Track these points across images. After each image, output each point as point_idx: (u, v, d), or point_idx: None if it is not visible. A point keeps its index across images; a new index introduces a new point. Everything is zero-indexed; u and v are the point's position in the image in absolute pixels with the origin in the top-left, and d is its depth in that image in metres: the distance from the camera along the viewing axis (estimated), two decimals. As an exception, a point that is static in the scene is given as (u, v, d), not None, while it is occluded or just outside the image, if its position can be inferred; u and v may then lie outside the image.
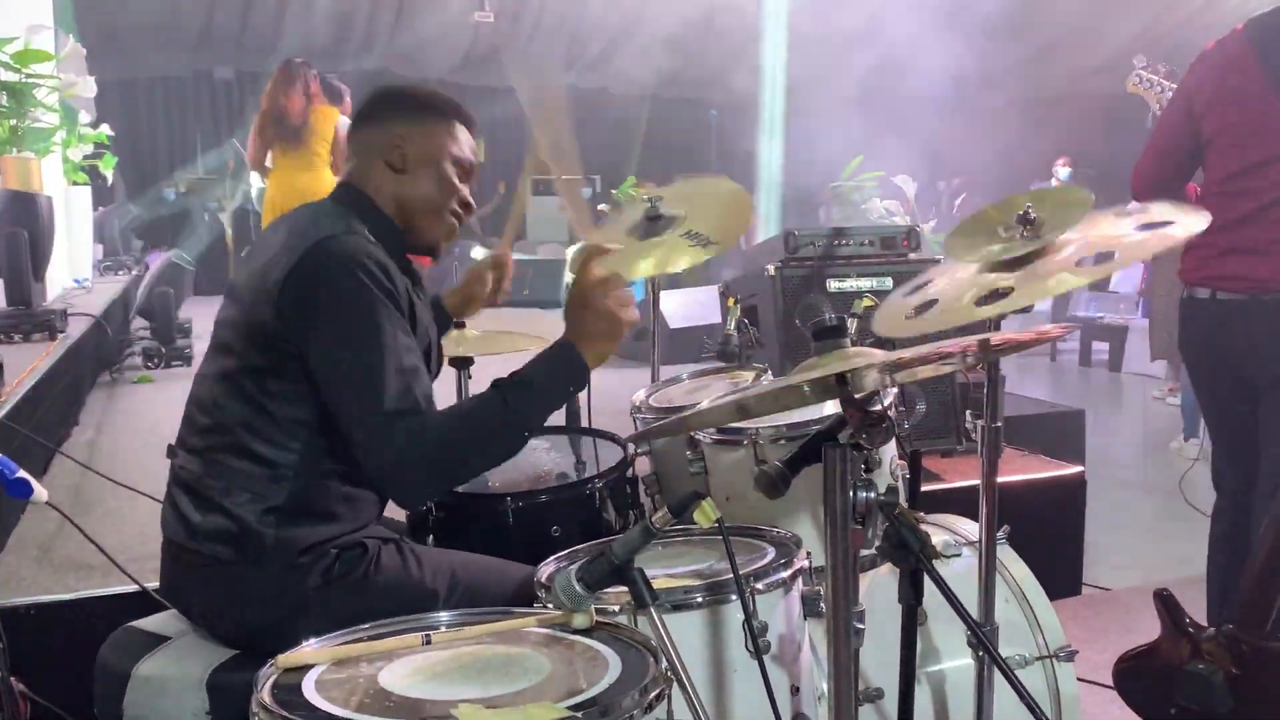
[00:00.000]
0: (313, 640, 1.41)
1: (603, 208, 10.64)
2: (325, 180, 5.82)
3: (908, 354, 1.38)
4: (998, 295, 1.54)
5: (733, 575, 1.45)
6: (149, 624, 1.83)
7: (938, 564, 1.34)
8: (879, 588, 1.96)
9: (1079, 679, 2.06)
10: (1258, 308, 2.52)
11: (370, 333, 1.67)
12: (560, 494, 2.16)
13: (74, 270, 7.10)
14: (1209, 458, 2.85)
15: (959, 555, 2.05)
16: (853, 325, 1.85)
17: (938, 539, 2.05)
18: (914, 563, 1.33)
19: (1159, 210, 1.65)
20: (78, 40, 6.22)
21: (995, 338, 1.54)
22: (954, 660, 1.96)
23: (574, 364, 1.76)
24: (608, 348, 1.79)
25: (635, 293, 2.04)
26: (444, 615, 1.51)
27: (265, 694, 1.25)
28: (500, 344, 2.65)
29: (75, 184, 7.05)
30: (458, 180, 1.94)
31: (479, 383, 2.59)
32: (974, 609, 1.82)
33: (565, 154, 2.47)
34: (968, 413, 1.86)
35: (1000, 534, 1.93)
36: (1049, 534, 3.48)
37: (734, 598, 1.51)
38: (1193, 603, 2.27)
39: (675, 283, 9.16)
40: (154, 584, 2.08)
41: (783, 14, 11.58)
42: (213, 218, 11.55)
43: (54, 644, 2.36)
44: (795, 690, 1.61)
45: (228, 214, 11.20)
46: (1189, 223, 1.57)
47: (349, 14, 12.29)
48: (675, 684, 1.28)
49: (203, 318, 6.03)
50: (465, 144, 1.96)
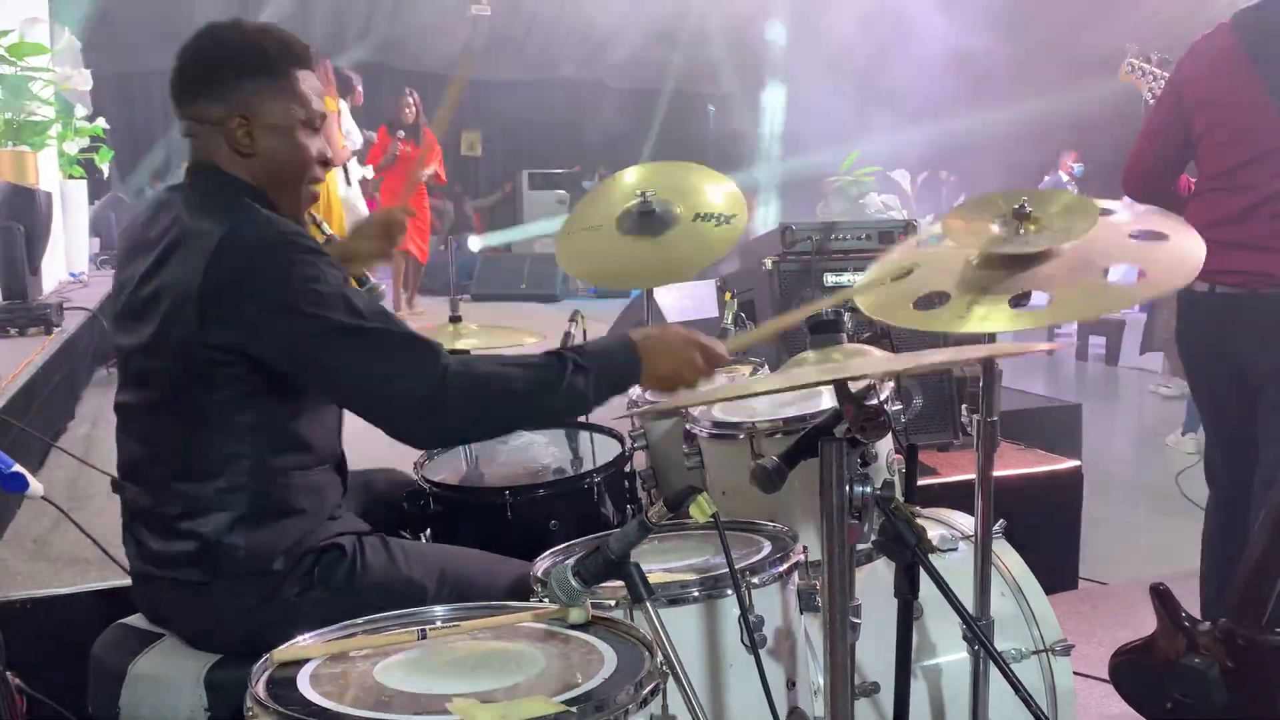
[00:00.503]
0: (308, 635, 1.41)
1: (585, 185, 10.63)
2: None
3: (911, 364, 1.36)
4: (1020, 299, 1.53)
5: (729, 569, 1.45)
6: (140, 620, 1.82)
7: (934, 558, 1.34)
8: (875, 582, 1.96)
9: (1075, 673, 2.06)
10: (1257, 302, 2.52)
11: (335, 301, 1.55)
12: (558, 488, 2.16)
13: (70, 264, 7.08)
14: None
15: (955, 549, 2.05)
16: (849, 320, 1.85)
17: (933, 533, 2.04)
18: (910, 557, 1.34)
19: (1153, 219, 1.64)
20: (73, 33, 6.20)
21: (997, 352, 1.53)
22: (950, 654, 1.96)
23: (634, 368, 1.66)
24: (662, 384, 1.70)
25: (632, 290, 2.03)
26: (439, 610, 1.51)
27: (260, 689, 1.25)
28: (497, 338, 2.65)
29: (71, 177, 7.02)
30: (313, 140, 1.73)
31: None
32: (970, 603, 1.82)
33: None
34: (964, 407, 1.85)
35: (996, 528, 1.93)
36: (1045, 528, 3.48)
37: (730, 592, 1.51)
38: (1188, 597, 2.28)
39: (672, 277, 9.14)
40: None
41: (782, 8, 11.57)
42: None
43: (49, 638, 2.36)
44: (791, 684, 1.62)
45: None
46: (1182, 241, 1.57)
47: (346, 7, 12.28)
48: (671, 678, 1.28)
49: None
50: (311, 93, 1.73)
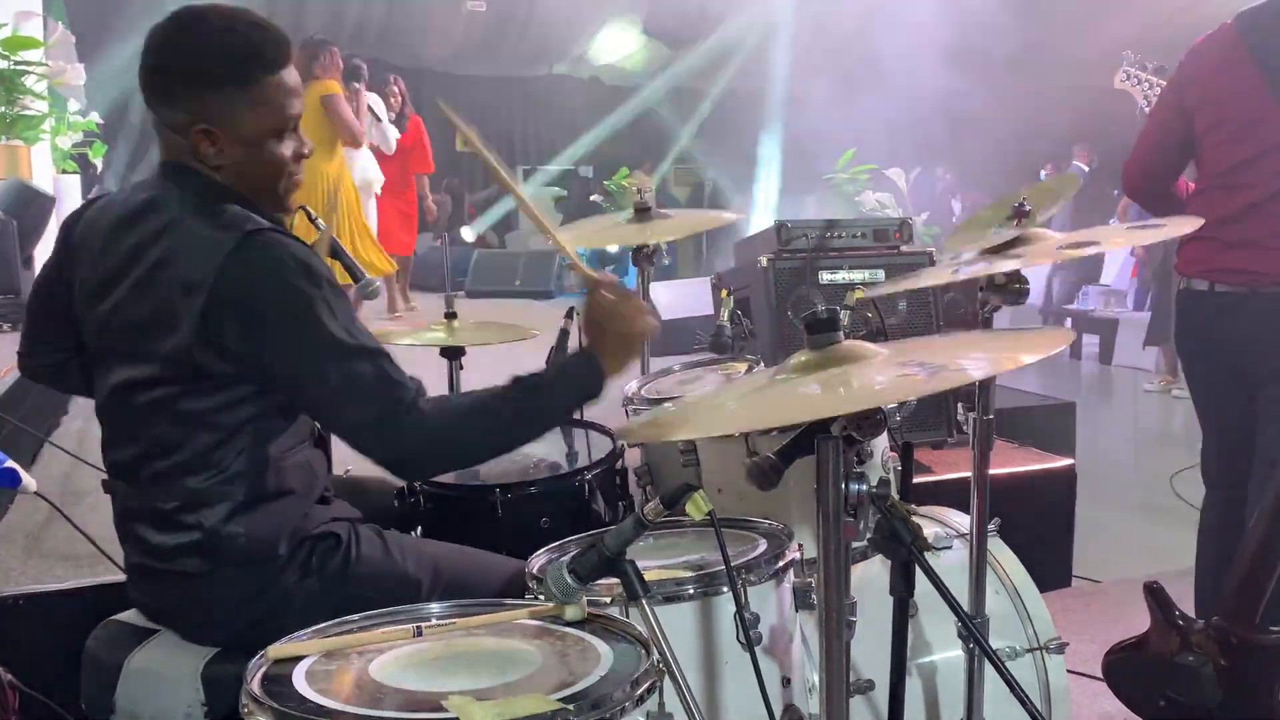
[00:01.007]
0: (304, 632, 1.40)
1: (594, 198, 10.61)
2: (323, 164, 5.58)
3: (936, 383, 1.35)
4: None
5: (724, 567, 1.45)
6: (134, 616, 1.82)
7: (928, 556, 1.34)
8: (870, 579, 1.96)
9: (1068, 671, 2.06)
10: (1257, 301, 2.51)
11: (329, 337, 1.56)
12: (550, 485, 2.16)
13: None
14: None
15: (950, 547, 2.05)
16: (845, 318, 1.85)
17: (928, 531, 2.05)
18: (905, 555, 1.34)
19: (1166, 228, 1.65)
20: (67, 27, 6.18)
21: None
22: (944, 652, 1.96)
23: (592, 372, 1.68)
24: (627, 359, 1.73)
25: (628, 283, 2.03)
26: (435, 607, 1.50)
27: (255, 685, 1.25)
28: (491, 334, 2.65)
29: (64, 172, 7.00)
30: (285, 144, 1.68)
31: (469, 373, 2.59)
32: (964, 601, 1.83)
33: None
34: (959, 405, 1.85)
35: (991, 526, 1.94)
36: (1039, 526, 3.48)
37: (725, 589, 1.51)
38: (1182, 595, 2.28)
39: (667, 274, 9.16)
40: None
41: (779, 5, 11.57)
42: None
43: (42, 634, 2.35)
44: (786, 682, 1.62)
45: None
46: (1179, 224, 1.58)
47: (341, 2, 12.24)
48: (666, 676, 1.28)
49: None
50: (287, 98, 1.66)
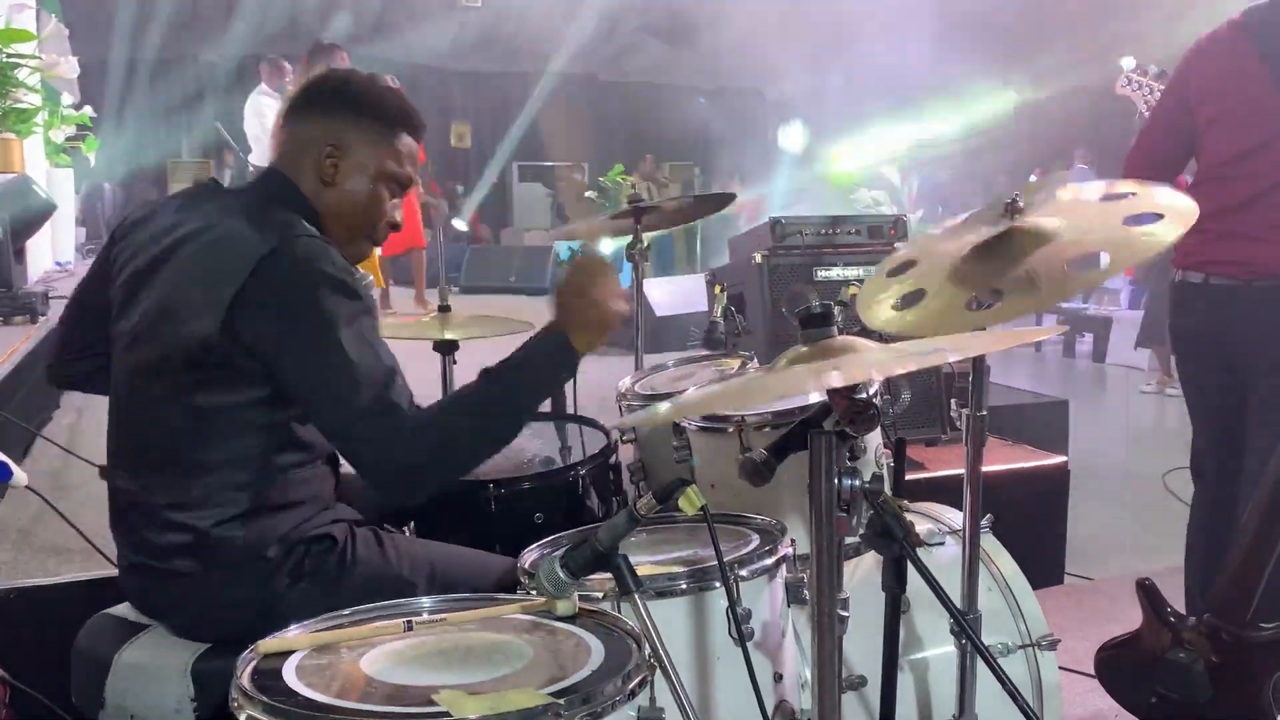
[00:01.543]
0: (294, 627, 1.40)
1: (589, 194, 10.61)
2: None
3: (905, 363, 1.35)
4: (991, 295, 1.52)
5: (717, 562, 1.45)
6: (126, 610, 1.81)
7: (921, 552, 1.33)
8: (863, 575, 1.96)
9: (1060, 668, 2.07)
10: (1252, 293, 2.50)
11: (339, 342, 1.57)
12: (543, 480, 2.16)
13: (56, 253, 7.04)
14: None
15: (942, 544, 2.05)
16: (839, 314, 1.85)
17: (921, 527, 2.05)
18: (898, 551, 1.33)
19: (1147, 198, 1.62)
20: (60, 20, 6.15)
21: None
22: (937, 648, 1.96)
23: (562, 349, 1.67)
24: (598, 337, 1.69)
25: (622, 280, 2.03)
26: (426, 602, 1.50)
27: (245, 680, 1.24)
28: (485, 328, 2.64)
29: (57, 165, 6.98)
30: (390, 198, 1.81)
31: (463, 367, 2.59)
32: (957, 597, 1.83)
33: None
34: (953, 402, 1.85)
35: (984, 523, 1.94)
36: (1032, 523, 3.49)
37: (718, 585, 1.51)
38: (1174, 592, 2.28)
39: (661, 270, 9.15)
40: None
41: (777, 2, 11.57)
42: None
43: (33, 629, 2.34)
44: (778, 677, 1.61)
45: None
46: (1177, 215, 1.55)
47: (336, -2, 12.22)
48: (658, 671, 1.28)
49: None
50: (407, 158, 1.82)
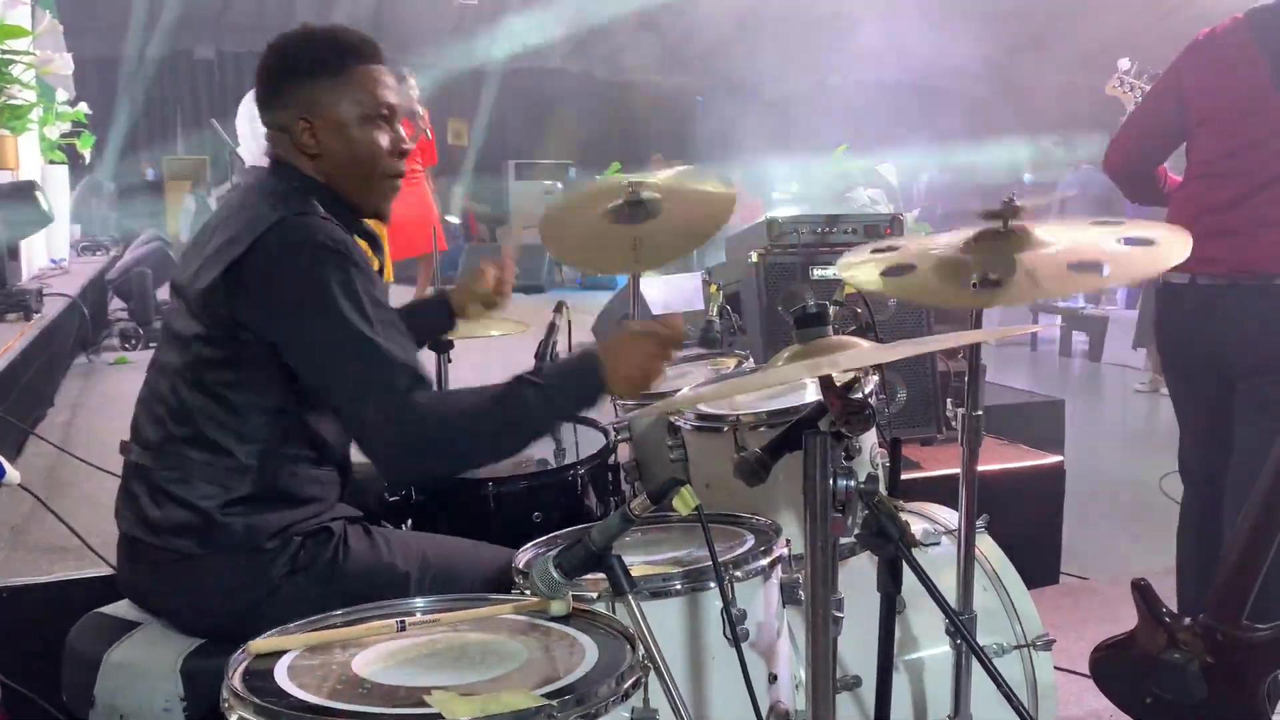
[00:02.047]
0: (286, 626, 1.39)
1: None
2: None
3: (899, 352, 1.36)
4: (987, 282, 1.53)
5: (712, 563, 1.44)
6: (118, 609, 1.81)
7: (916, 552, 1.33)
8: (857, 576, 1.96)
9: (1055, 668, 2.07)
10: (1239, 293, 2.49)
11: (339, 316, 1.60)
12: (541, 480, 2.15)
13: (51, 250, 7.02)
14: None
15: (937, 544, 2.05)
16: (834, 313, 1.85)
17: (916, 527, 2.05)
18: (893, 551, 1.33)
19: (1139, 227, 1.64)
20: (55, 16, 6.13)
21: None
22: (932, 648, 1.96)
23: (594, 389, 1.67)
24: (630, 389, 1.72)
25: (618, 279, 2.03)
26: (419, 601, 1.50)
27: (236, 680, 1.24)
28: (483, 326, 2.63)
29: (52, 162, 6.96)
30: (381, 132, 1.79)
31: (457, 366, 2.58)
32: (952, 597, 1.82)
33: None
34: (949, 401, 1.85)
35: (979, 523, 1.93)
36: (1027, 523, 3.49)
37: (712, 585, 1.51)
38: (1169, 592, 2.28)
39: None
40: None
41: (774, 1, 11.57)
42: (201, 204, 11.43)
43: (26, 628, 2.34)
44: (773, 678, 1.61)
45: (213, 198, 11.07)
46: (1170, 245, 1.56)
47: (332, -6, 12.20)
48: (652, 672, 1.28)
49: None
50: (378, 87, 1.78)
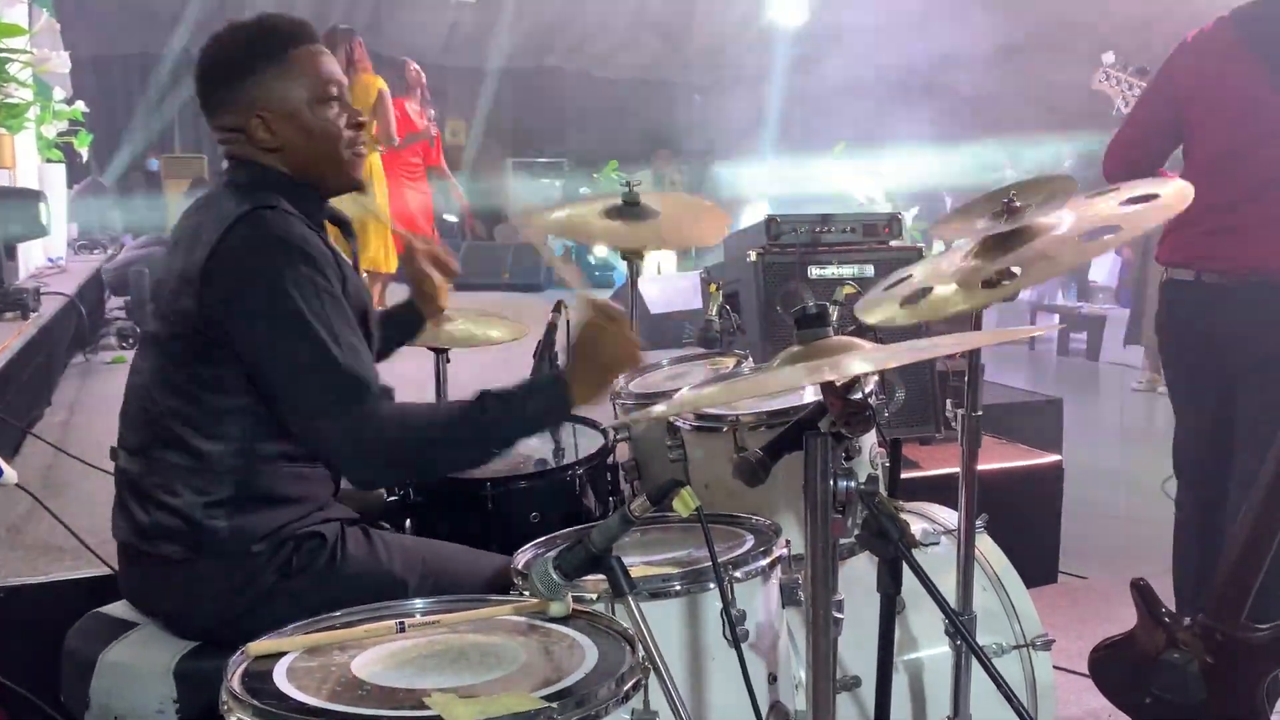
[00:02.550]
0: (285, 628, 1.39)
1: (583, 190, 10.58)
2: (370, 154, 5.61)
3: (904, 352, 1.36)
4: (1001, 276, 1.53)
5: (711, 563, 1.44)
6: (117, 609, 1.81)
7: (915, 552, 1.33)
8: (857, 576, 1.96)
9: (1054, 667, 2.07)
10: (1244, 291, 2.49)
11: (298, 317, 1.59)
12: (540, 480, 2.15)
13: (48, 249, 7.00)
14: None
15: (936, 544, 2.05)
16: (834, 313, 1.84)
17: (916, 527, 2.04)
18: (893, 551, 1.33)
19: (1139, 186, 1.63)
20: (52, 14, 6.11)
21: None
22: (931, 649, 1.96)
23: (560, 401, 1.68)
24: (597, 395, 1.73)
25: (616, 278, 2.02)
26: (418, 603, 1.49)
27: (235, 682, 1.24)
28: (480, 326, 2.62)
29: (49, 161, 6.94)
30: (333, 110, 1.79)
31: (456, 367, 2.58)
32: (951, 598, 1.82)
33: None
34: (948, 401, 1.85)
35: (979, 522, 1.93)
36: (1026, 522, 3.49)
37: (712, 586, 1.51)
38: (1168, 592, 2.28)
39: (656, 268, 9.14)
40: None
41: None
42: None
43: (23, 628, 2.33)
44: (773, 679, 1.61)
45: None
46: (1172, 193, 1.55)
47: (330, -8, 12.18)
48: (652, 673, 1.27)
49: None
50: (321, 66, 1.78)
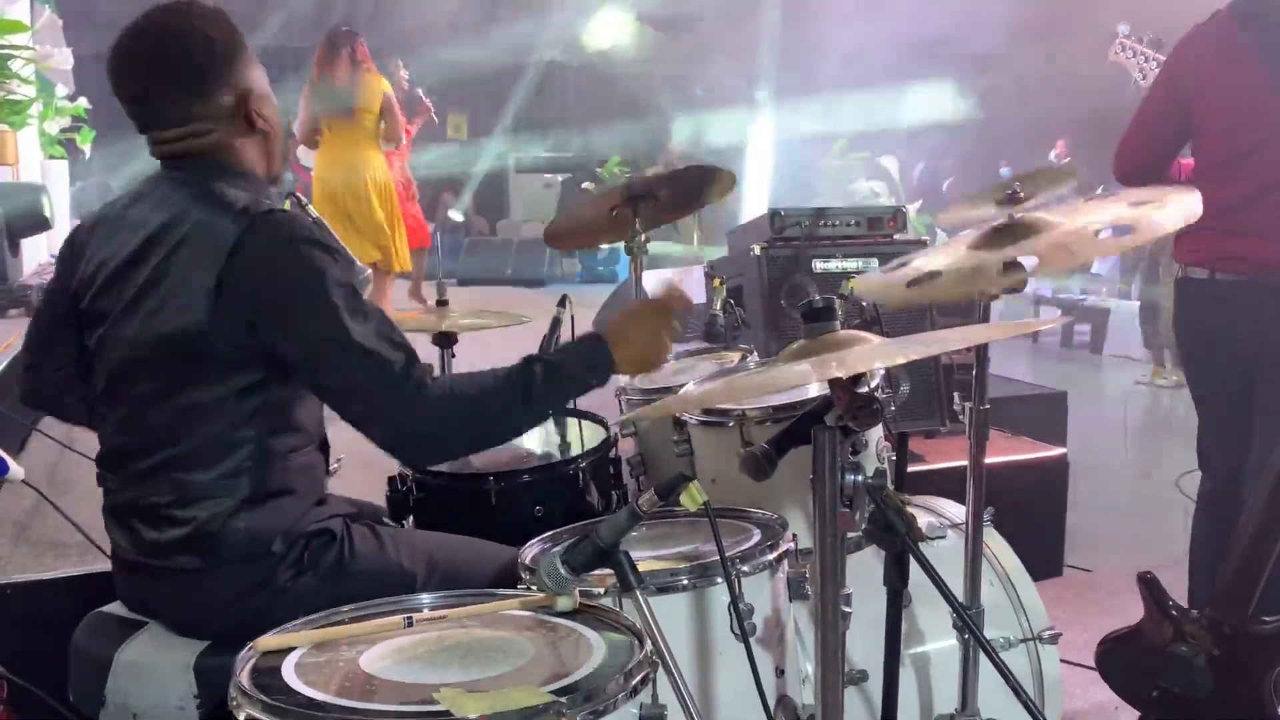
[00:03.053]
0: (293, 623, 1.39)
1: (585, 185, 10.58)
2: (373, 154, 5.56)
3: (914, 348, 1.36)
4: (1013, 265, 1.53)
5: (719, 558, 1.44)
6: (117, 608, 1.80)
7: (922, 546, 1.33)
8: (864, 570, 1.95)
9: (1060, 660, 2.06)
10: (1259, 290, 2.50)
11: (336, 315, 1.58)
12: (543, 474, 2.15)
13: (51, 246, 7.00)
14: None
15: (943, 537, 2.05)
16: (840, 307, 1.84)
17: (922, 521, 2.04)
18: (900, 545, 1.33)
19: (1146, 193, 1.63)
20: (54, 11, 6.11)
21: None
22: (938, 642, 1.96)
23: (602, 360, 1.69)
24: (637, 367, 1.76)
25: (619, 272, 2.03)
26: (426, 598, 1.49)
27: (244, 678, 1.24)
28: (485, 320, 2.62)
29: (52, 157, 6.94)
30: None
31: (460, 361, 2.57)
32: (959, 591, 1.82)
33: None
34: (955, 395, 1.85)
35: (985, 516, 1.93)
36: (1031, 515, 3.49)
37: (720, 580, 1.51)
38: (1174, 585, 2.28)
39: (660, 262, 9.14)
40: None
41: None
42: None
43: (30, 624, 2.34)
44: (780, 672, 1.61)
45: None
46: (1182, 201, 1.55)
47: (331, -14, 12.16)
48: (660, 667, 1.27)
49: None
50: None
